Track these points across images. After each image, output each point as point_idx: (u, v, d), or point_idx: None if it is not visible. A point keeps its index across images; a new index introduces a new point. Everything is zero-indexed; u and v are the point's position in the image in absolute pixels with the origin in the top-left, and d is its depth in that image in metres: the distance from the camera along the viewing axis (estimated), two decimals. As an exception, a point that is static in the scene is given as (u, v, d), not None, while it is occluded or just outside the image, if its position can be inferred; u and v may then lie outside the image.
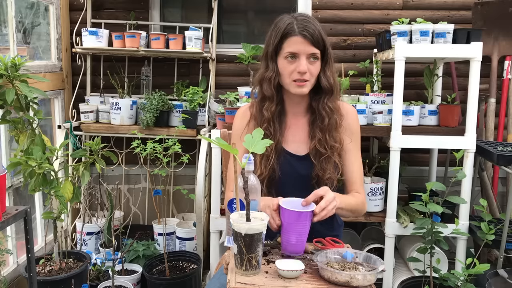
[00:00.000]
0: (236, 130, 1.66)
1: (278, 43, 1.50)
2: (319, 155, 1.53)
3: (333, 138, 1.54)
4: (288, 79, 1.50)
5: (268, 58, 1.54)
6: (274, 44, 1.51)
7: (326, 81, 1.53)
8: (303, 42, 1.46)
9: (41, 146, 2.01)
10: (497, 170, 2.89)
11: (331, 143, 1.53)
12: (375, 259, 1.22)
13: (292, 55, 1.48)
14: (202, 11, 3.22)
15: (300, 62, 1.47)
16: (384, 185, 2.56)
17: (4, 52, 2.45)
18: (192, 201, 3.08)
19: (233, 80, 3.06)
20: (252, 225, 1.12)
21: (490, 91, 2.82)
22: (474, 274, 1.92)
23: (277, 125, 1.55)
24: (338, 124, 1.56)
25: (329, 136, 1.54)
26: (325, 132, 1.54)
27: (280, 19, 1.54)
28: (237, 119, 1.67)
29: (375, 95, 2.57)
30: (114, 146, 3.08)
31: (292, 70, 1.48)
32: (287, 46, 1.48)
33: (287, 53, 1.48)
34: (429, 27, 2.33)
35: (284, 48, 1.49)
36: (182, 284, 2.48)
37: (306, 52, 1.47)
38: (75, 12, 3.04)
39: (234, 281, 1.12)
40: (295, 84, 1.50)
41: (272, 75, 1.52)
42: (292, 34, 1.47)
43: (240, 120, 1.65)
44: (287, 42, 1.48)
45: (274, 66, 1.53)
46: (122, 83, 3.02)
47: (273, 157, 1.52)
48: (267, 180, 1.54)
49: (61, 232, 2.65)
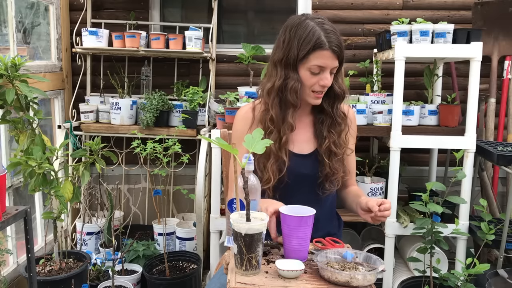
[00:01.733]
0: (237, 132, 1.63)
1: (306, 53, 1.44)
2: (334, 155, 1.56)
3: (342, 138, 1.58)
4: (307, 90, 1.50)
5: (288, 65, 1.48)
6: (301, 53, 1.45)
7: (339, 87, 1.54)
8: (331, 57, 1.45)
9: (41, 146, 2.01)
10: (497, 170, 2.89)
11: (342, 142, 1.58)
12: (375, 259, 1.22)
13: (319, 69, 1.46)
14: (202, 11, 3.22)
15: (325, 76, 1.46)
16: (384, 185, 2.56)
17: (4, 52, 2.45)
18: (192, 201, 3.08)
19: (233, 80, 3.06)
20: (252, 225, 1.12)
21: (490, 91, 2.82)
22: (474, 274, 1.92)
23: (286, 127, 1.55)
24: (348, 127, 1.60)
25: (339, 136, 1.57)
26: (338, 133, 1.57)
27: (303, 24, 1.45)
28: (238, 121, 1.63)
29: (375, 95, 2.57)
30: (114, 146, 3.08)
31: (314, 82, 1.48)
32: (314, 58, 1.44)
33: (315, 67, 1.45)
34: (429, 27, 2.33)
35: (310, 60, 1.45)
36: (182, 284, 2.48)
37: (331, 67, 1.47)
38: (75, 12, 3.04)
39: (234, 281, 1.12)
40: (314, 96, 1.51)
41: (298, 85, 1.48)
42: (323, 48, 1.43)
43: (242, 122, 1.61)
44: (315, 55, 1.44)
45: (296, 75, 1.48)
46: (122, 83, 3.02)
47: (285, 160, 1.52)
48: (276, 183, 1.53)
49: (61, 232, 2.65)
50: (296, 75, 1.48)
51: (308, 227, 1.25)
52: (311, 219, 1.25)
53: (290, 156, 1.54)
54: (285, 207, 1.29)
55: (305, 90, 1.50)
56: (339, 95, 1.55)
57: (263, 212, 1.24)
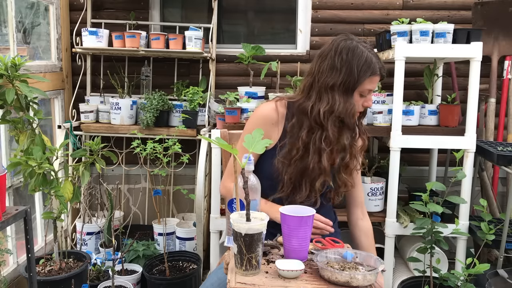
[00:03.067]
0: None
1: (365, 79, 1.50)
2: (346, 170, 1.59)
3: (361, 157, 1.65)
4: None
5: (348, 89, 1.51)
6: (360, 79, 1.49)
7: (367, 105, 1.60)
8: (378, 81, 1.55)
9: (41, 146, 2.01)
10: (497, 170, 2.89)
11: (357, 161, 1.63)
12: (375, 259, 1.22)
13: (368, 92, 1.53)
14: (202, 11, 3.22)
15: (370, 98, 1.56)
16: (384, 185, 2.56)
17: (4, 52, 2.45)
18: (192, 201, 3.08)
19: (233, 80, 3.06)
20: (252, 225, 1.12)
21: (490, 91, 2.82)
22: (474, 274, 1.92)
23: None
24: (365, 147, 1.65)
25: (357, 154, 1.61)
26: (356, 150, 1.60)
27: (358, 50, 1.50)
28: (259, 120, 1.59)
29: (375, 95, 2.57)
30: (114, 146, 3.08)
31: (360, 104, 1.55)
32: (369, 83, 1.51)
33: (367, 90, 1.52)
34: (429, 27, 2.33)
35: (365, 84, 1.51)
36: (182, 284, 2.48)
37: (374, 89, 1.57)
38: (75, 12, 3.04)
39: (234, 281, 1.12)
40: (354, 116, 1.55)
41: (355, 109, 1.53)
42: (376, 73, 1.51)
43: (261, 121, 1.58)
44: (370, 80, 1.51)
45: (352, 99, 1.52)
46: (122, 83, 3.02)
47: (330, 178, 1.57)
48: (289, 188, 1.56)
49: (61, 232, 2.65)
50: (352, 99, 1.52)
51: (308, 227, 1.25)
52: (311, 219, 1.25)
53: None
54: (285, 207, 1.29)
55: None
56: (365, 112, 1.64)
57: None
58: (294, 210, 1.27)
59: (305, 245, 1.26)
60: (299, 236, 1.24)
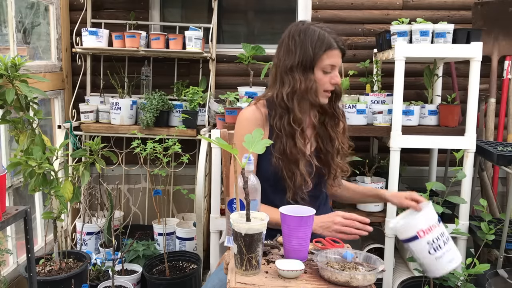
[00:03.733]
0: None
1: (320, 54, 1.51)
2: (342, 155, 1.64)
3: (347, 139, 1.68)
4: (320, 89, 1.55)
5: (306, 68, 1.53)
6: (316, 55, 1.51)
7: (339, 86, 1.62)
8: (339, 56, 1.55)
9: (41, 146, 2.01)
10: (497, 170, 2.89)
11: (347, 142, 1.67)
12: (375, 259, 1.22)
13: (331, 68, 1.54)
14: (202, 11, 3.22)
15: (335, 74, 1.56)
16: (384, 185, 2.56)
17: (4, 52, 2.45)
18: (192, 201, 3.08)
19: (233, 80, 3.06)
20: (252, 225, 1.12)
21: (490, 91, 2.82)
22: (474, 274, 1.92)
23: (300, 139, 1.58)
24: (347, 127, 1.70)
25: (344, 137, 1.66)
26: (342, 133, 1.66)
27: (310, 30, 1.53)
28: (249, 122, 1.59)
29: (375, 95, 2.57)
30: (114, 146, 3.08)
31: (326, 81, 1.55)
32: (327, 58, 1.52)
33: (328, 66, 1.53)
34: (429, 27, 2.33)
35: (324, 60, 1.52)
36: (182, 284, 2.48)
37: (339, 65, 1.57)
38: (75, 12, 3.04)
39: (234, 281, 1.12)
40: (325, 94, 1.57)
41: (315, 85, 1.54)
42: (333, 47, 1.52)
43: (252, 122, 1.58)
44: (327, 55, 1.52)
45: (312, 76, 1.54)
46: (122, 83, 3.02)
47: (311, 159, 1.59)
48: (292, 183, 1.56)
49: (61, 232, 2.65)
50: (312, 76, 1.53)
51: (308, 227, 1.25)
52: (311, 219, 1.25)
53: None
54: (285, 207, 1.29)
55: (319, 89, 1.55)
56: (339, 94, 1.63)
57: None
58: (294, 210, 1.27)
59: (305, 245, 1.26)
60: (299, 236, 1.24)
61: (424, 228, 1.43)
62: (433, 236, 1.43)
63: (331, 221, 1.44)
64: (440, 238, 1.44)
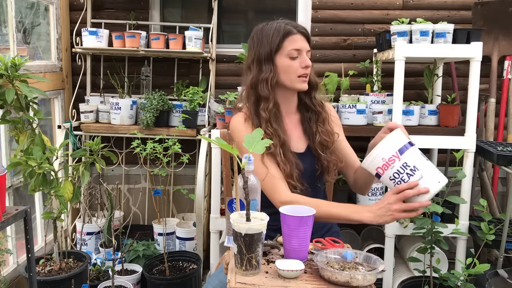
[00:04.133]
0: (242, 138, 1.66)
1: (279, 42, 1.53)
2: (326, 146, 1.61)
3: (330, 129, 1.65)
4: (293, 75, 1.55)
5: (261, 61, 1.56)
6: (273, 45, 1.54)
7: (312, 77, 1.62)
8: (303, 40, 1.55)
9: (41, 146, 2.01)
10: (497, 170, 2.89)
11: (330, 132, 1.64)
12: (375, 259, 1.22)
13: (296, 52, 1.54)
14: (202, 11, 3.22)
15: (304, 57, 1.55)
16: (384, 185, 2.56)
17: (4, 52, 2.45)
18: (192, 201, 3.08)
19: (233, 80, 3.06)
20: (252, 225, 1.12)
21: (490, 91, 2.82)
22: (474, 274, 1.92)
23: (275, 124, 1.57)
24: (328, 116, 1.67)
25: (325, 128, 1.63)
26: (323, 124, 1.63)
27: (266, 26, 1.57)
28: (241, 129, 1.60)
29: (375, 95, 2.57)
30: (114, 146, 3.08)
31: (297, 66, 1.54)
32: (289, 44, 1.53)
33: (292, 51, 1.53)
34: (429, 27, 2.33)
35: (286, 47, 1.53)
36: (182, 284, 2.48)
37: (306, 49, 1.56)
38: (75, 12, 3.04)
39: (234, 281, 1.12)
40: (301, 80, 1.56)
41: (270, 75, 1.55)
42: (293, 32, 1.54)
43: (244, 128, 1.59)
44: (289, 40, 1.53)
45: (270, 66, 1.55)
46: (122, 83, 3.02)
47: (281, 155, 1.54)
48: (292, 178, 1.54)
49: (61, 232, 2.65)
50: (269, 66, 1.55)
51: (308, 227, 1.25)
52: (311, 219, 1.25)
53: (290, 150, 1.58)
54: (285, 207, 1.29)
55: (291, 76, 1.55)
56: (313, 85, 1.64)
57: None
58: (294, 210, 1.27)
59: (305, 245, 1.26)
60: (299, 236, 1.24)
61: (380, 164, 1.34)
62: (393, 171, 1.32)
63: (387, 204, 1.35)
64: (403, 170, 1.31)
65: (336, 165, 1.63)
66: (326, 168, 1.61)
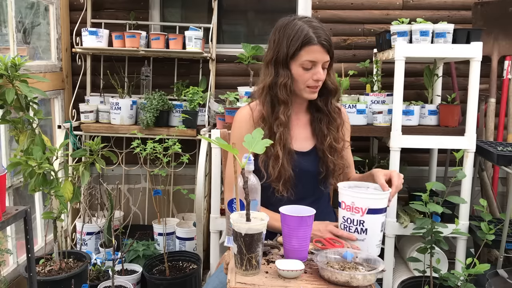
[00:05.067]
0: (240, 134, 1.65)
1: (296, 50, 1.49)
2: (334, 150, 1.60)
3: (342, 135, 1.64)
4: (302, 85, 1.53)
5: (279, 63, 1.53)
6: (290, 50, 1.49)
7: (331, 83, 1.59)
8: (321, 52, 1.49)
9: (41, 146, 2.01)
10: (497, 170, 2.89)
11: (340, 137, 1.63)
12: (375, 259, 1.22)
13: (311, 64, 1.50)
14: (202, 11, 3.22)
15: (317, 70, 1.51)
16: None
17: (4, 52, 2.45)
18: (192, 201, 3.08)
19: (233, 80, 3.06)
20: (252, 225, 1.12)
21: (490, 91, 2.82)
22: (474, 274, 1.92)
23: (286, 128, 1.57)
24: (343, 121, 1.66)
25: (338, 134, 1.62)
26: (336, 130, 1.61)
27: (291, 24, 1.51)
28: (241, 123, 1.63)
29: (375, 95, 2.57)
30: (114, 146, 3.08)
31: (308, 77, 1.52)
32: (305, 54, 1.49)
33: (307, 62, 1.49)
34: (429, 27, 2.33)
35: (302, 56, 1.49)
36: (182, 284, 2.48)
37: (322, 61, 1.51)
38: (75, 12, 3.04)
39: (234, 281, 1.12)
40: (309, 90, 1.54)
41: (288, 81, 1.52)
42: (312, 43, 1.47)
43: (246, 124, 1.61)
44: (306, 50, 1.48)
45: (287, 72, 1.52)
46: (122, 83, 3.02)
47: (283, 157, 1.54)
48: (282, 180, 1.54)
49: (61, 232, 2.65)
50: (287, 72, 1.52)
51: (308, 227, 1.25)
52: (311, 219, 1.25)
53: (291, 154, 1.56)
54: (285, 207, 1.29)
55: (300, 86, 1.54)
56: (332, 90, 1.60)
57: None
58: (294, 210, 1.27)
59: (305, 245, 1.26)
60: (299, 236, 1.24)
61: (348, 202, 1.36)
62: (349, 216, 1.36)
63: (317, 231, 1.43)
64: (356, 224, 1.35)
65: (342, 169, 1.62)
66: (331, 171, 1.60)
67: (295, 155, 1.57)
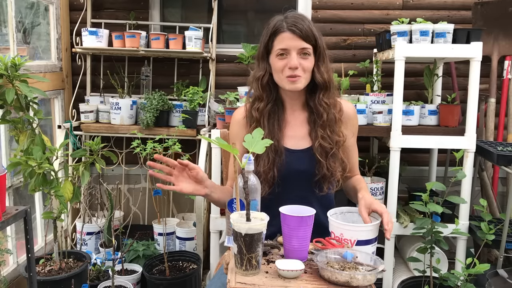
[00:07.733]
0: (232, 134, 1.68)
1: (268, 41, 1.52)
2: (325, 152, 1.53)
3: (335, 133, 1.55)
4: (281, 76, 1.51)
5: (259, 58, 1.57)
6: (265, 43, 1.53)
7: (320, 76, 1.53)
8: (292, 38, 1.48)
9: (41, 146, 2.01)
10: (497, 170, 2.89)
11: (335, 138, 1.54)
12: (375, 259, 1.22)
13: (283, 52, 1.49)
14: (202, 11, 3.22)
15: (290, 58, 1.48)
16: (384, 185, 2.56)
17: (4, 52, 2.45)
18: (192, 201, 3.08)
19: (233, 80, 3.06)
20: (252, 225, 1.12)
21: (490, 91, 2.82)
22: (474, 274, 1.92)
23: (271, 123, 1.55)
24: (337, 119, 1.57)
25: (331, 132, 1.54)
26: (325, 128, 1.54)
27: (272, 19, 1.56)
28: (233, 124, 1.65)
29: (375, 95, 2.57)
30: (114, 146, 3.08)
31: (283, 66, 1.49)
32: (277, 43, 1.50)
33: (278, 50, 1.49)
34: (429, 27, 2.33)
35: (274, 46, 1.51)
36: (182, 284, 2.48)
37: (296, 47, 1.48)
38: (75, 12, 3.04)
39: (234, 281, 1.12)
40: (288, 80, 1.50)
41: (261, 74, 1.54)
42: (281, 30, 1.49)
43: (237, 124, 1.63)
44: (277, 39, 1.50)
45: (264, 65, 1.55)
46: (122, 83, 3.02)
47: (271, 155, 1.51)
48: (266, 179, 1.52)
49: (61, 232, 2.65)
50: (265, 65, 1.55)
51: (308, 227, 1.25)
52: (311, 219, 1.25)
53: (285, 152, 1.54)
54: (285, 207, 1.29)
55: (279, 76, 1.52)
56: (321, 84, 1.54)
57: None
58: (294, 210, 1.27)
59: (305, 245, 1.26)
60: (299, 236, 1.24)
61: (337, 233, 1.35)
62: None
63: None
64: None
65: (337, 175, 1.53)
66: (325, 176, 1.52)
67: (286, 153, 1.54)
